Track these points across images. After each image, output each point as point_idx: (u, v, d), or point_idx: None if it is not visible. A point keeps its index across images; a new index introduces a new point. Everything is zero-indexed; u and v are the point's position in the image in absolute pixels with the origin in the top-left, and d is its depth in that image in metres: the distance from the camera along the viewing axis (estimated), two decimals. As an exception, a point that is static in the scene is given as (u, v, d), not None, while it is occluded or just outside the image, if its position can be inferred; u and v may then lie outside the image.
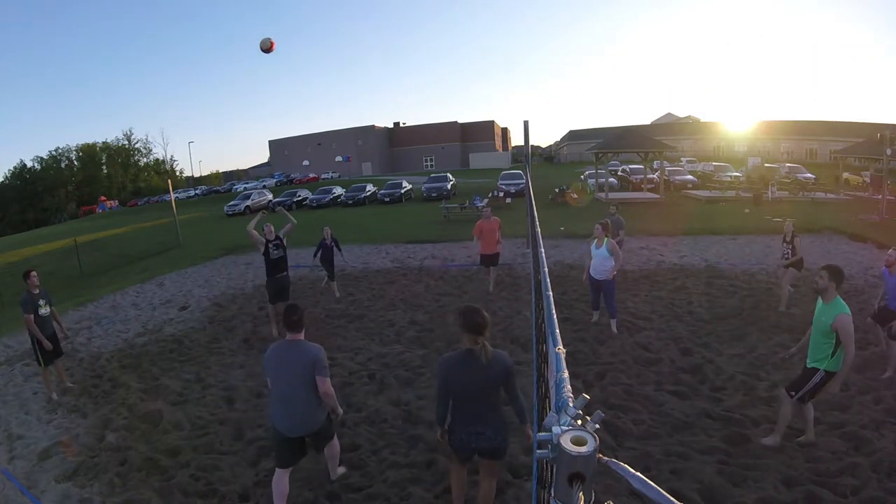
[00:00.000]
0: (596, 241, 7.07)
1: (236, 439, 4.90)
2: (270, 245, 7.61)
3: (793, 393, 4.02)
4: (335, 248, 9.76)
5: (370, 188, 30.93)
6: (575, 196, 23.20)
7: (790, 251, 7.41)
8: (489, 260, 9.21)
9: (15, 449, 5.09)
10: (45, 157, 72.39)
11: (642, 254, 11.71)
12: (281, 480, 3.64)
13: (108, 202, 61.41)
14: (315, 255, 9.76)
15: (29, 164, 71.53)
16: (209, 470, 4.40)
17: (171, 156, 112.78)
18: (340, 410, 3.84)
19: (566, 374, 1.33)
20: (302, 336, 3.60)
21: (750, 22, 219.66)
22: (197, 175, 79.63)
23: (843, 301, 3.81)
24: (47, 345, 6.05)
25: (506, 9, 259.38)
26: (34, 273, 6.19)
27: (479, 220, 9.28)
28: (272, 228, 7.80)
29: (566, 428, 0.91)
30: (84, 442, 5.08)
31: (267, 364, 3.63)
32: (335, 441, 4.00)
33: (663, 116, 70.56)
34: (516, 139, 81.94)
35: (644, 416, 4.71)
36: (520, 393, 3.13)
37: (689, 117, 66.01)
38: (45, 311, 6.16)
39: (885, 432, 4.17)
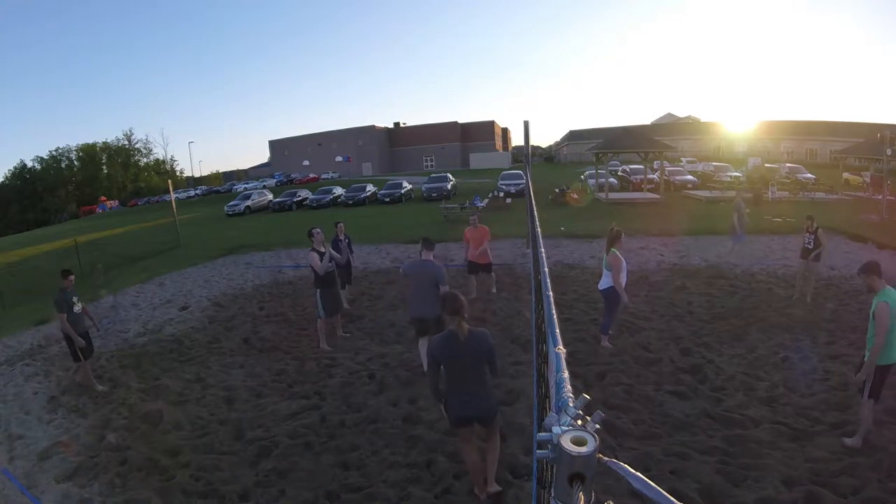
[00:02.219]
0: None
1: (236, 439, 4.90)
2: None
3: None
4: (349, 249, 8.88)
5: (370, 188, 30.85)
6: (575, 196, 23.19)
7: (812, 241, 7.59)
8: (475, 268, 8.68)
9: (15, 449, 5.10)
10: (45, 157, 72.23)
11: (642, 254, 11.71)
12: (423, 344, 5.39)
13: (108, 202, 61.36)
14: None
15: (29, 164, 71.40)
16: (209, 470, 4.40)
17: (171, 156, 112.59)
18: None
19: (566, 374, 1.33)
20: (431, 256, 5.57)
21: (750, 22, 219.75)
22: (197, 175, 79.58)
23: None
24: (79, 342, 6.18)
25: (506, 9, 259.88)
26: (72, 276, 6.40)
27: (466, 228, 8.78)
28: (322, 236, 7.17)
29: (566, 428, 0.91)
30: (84, 442, 5.08)
31: (409, 271, 5.70)
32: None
33: (663, 116, 70.50)
34: (516, 139, 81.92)
35: (644, 416, 4.71)
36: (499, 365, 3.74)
37: (689, 117, 65.92)
38: (78, 307, 6.35)
39: (885, 432, 4.17)
